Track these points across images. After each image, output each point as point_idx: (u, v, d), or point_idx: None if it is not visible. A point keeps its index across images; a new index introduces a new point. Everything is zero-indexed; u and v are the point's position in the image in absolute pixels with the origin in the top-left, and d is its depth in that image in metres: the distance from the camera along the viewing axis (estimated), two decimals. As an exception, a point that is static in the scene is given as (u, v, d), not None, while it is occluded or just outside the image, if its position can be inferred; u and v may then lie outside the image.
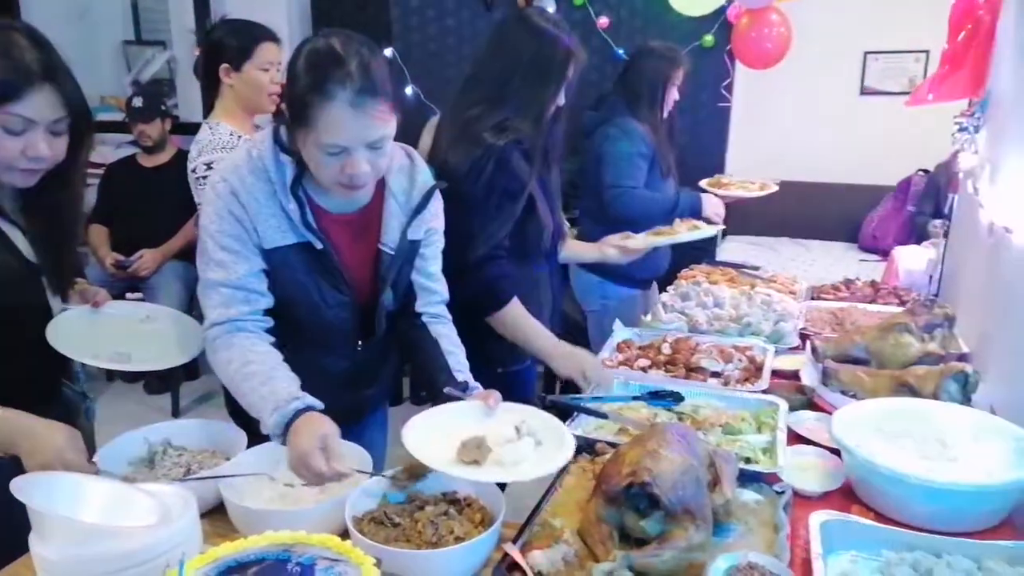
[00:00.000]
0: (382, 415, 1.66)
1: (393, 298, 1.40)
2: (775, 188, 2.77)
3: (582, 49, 1.68)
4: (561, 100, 1.68)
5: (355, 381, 1.45)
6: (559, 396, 1.46)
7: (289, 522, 1.03)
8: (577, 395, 1.51)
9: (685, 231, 2.12)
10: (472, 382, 1.34)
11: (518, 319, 1.64)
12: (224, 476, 1.15)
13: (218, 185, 1.26)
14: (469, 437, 1.12)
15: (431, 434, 1.14)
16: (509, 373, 1.72)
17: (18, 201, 1.27)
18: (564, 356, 1.61)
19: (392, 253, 1.36)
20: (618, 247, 1.98)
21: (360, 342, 1.40)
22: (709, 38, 3.48)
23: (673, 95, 2.56)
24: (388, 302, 1.40)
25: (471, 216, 1.59)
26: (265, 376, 1.20)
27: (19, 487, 0.92)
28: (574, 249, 2.03)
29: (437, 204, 1.43)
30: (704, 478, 1.09)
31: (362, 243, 1.36)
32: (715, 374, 1.64)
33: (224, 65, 1.89)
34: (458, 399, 1.26)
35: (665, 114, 2.56)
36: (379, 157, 1.22)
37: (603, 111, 2.58)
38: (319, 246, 1.28)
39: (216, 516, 1.15)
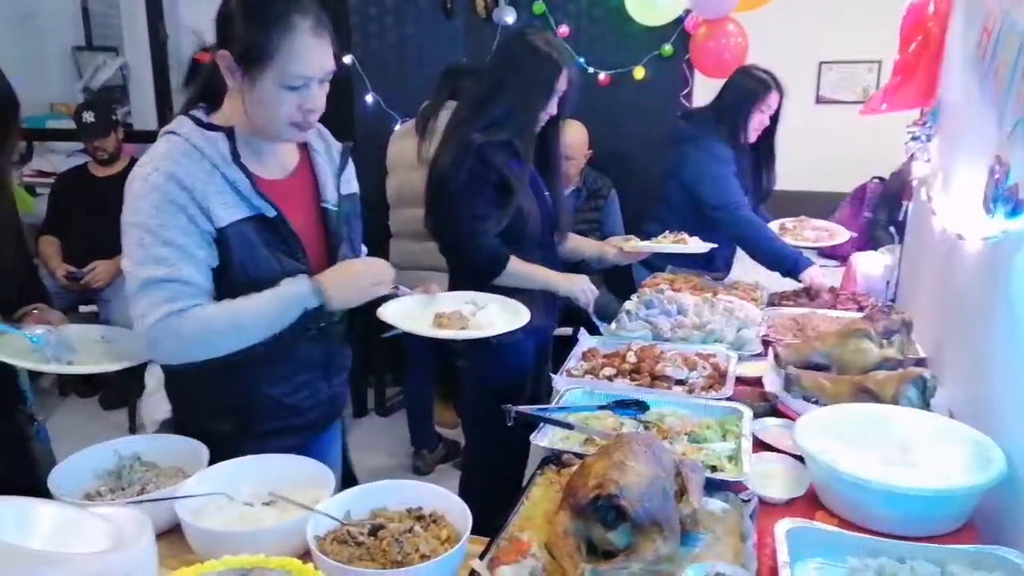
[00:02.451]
0: (339, 427, 1.62)
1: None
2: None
3: (573, 67, 1.89)
4: (553, 110, 1.90)
5: (327, 367, 1.43)
6: (525, 407, 1.45)
7: (248, 543, 1.01)
8: (543, 407, 1.50)
9: (673, 243, 2.26)
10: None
11: (520, 269, 1.90)
12: (180, 497, 1.11)
13: (151, 177, 1.20)
14: (440, 312, 1.31)
15: (403, 315, 1.31)
16: (503, 344, 1.77)
17: None
18: (565, 278, 1.97)
19: (336, 209, 1.39)
20: (618, 247, 2.19)
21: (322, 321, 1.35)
22: (668, 48, 3.51)
23: (761, 121, 2.53)
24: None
25: (458, 203, 1.84)
26: (250, 297, 1.24)
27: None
28: (577, 244, 2.22)
29: (352, 166, 1.48)
30: (671, 488, 1.09)
31: (303, 207, 1.36)
32: (680, 382, 1.64)
33: None
34: (396, 296, 1.43)
35: (751, 138, 2.54)
36: (324, 95, 1.27)
37: (691, 125, 2.63)
38: (271, 213, 1.27)
39: (173, 537, 1.11)
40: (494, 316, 1.56)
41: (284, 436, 1.36)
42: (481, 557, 1.02)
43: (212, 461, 1.24)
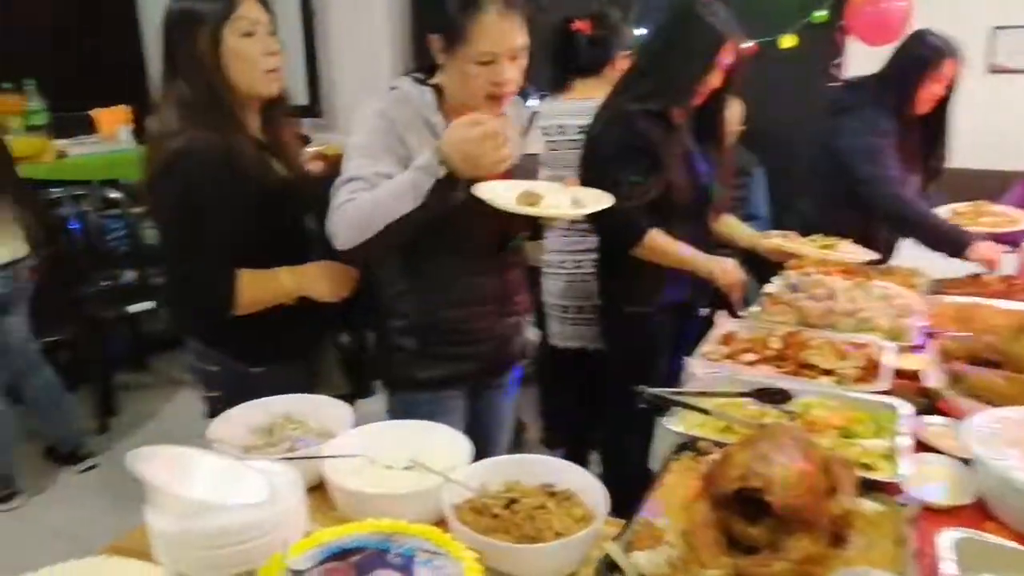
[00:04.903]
0: (513, 382, 1.81)
1: None
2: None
3: (739, 39, 1.86)
4: (716, 83, 1.86)
5: (502, 303, 1.61)
6: (658, 390, 1.41)
7: (389, 506, 1.04)
8: (677, 390, 1.46)
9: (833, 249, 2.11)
10: None
11: (661, 244, 1.87)
12: (326, 456, 1.17)
13: (368, 112, 1.44)
14: (521, 191, 1.41)
15: (495, 190, 1.40)
16: (636, 316, 1.87)
17: None
18: (710, 259, 1.90)
19: (519, 163, 1.51)
20: (774, 245, 2.10)
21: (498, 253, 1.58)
22: (821, 13, 3.28)
23: (933, 92, 2.32)
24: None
25: (604, 170, 1.81)
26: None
27: (134, 459, 0.95)
28: (731, 227, 2.19)
29: (537, 130, 1.65)
30: (820, 486, 1.02)
31: None
32: (827, 372, 1.54)
33: None
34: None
35: (920, 110, 2.35)
36: (519, 69, 1.40)
37: (852, 94, 2.46)
38: None
39: (317, 493, 1.17)
40: (566, 199, 1.52)
41: (459, 362, 1.59)
42: (615, 540, 1.00)
43: (400, 383, 1.58)
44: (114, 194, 3.45)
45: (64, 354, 3.31)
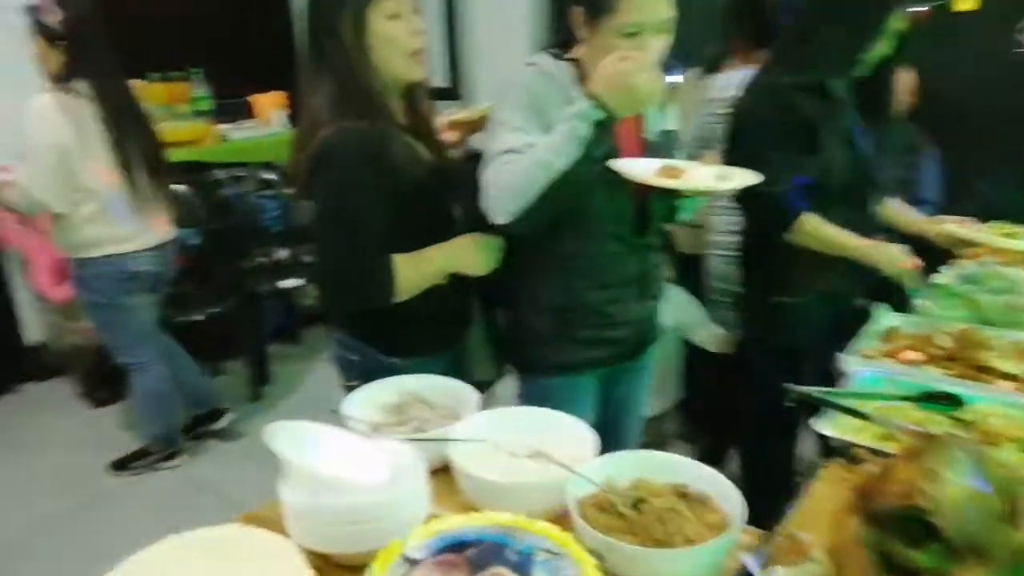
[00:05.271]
0: (648, 367, 1.79)
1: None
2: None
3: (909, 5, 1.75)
4: (882, 50, 1.72)
5: (641, 285, 1.59)
6: (809, 388, 1.29)
7: (511, 495, 1.02)
8: (829, 389, 1.33)
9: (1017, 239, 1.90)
10: None
11: (818, 230, 1.72)
12: (451, 439, 1.15)
13: (510, 82, 1.44)
14: (662, 166, 1.38)
15: (633, 165, 1.39)
16: (786, 307, 1.77)
17: None
18: (874, 247, 1.71)
19: (657, 140, 1.54)
20: (947, 231, 1.93)
21: (640, 235, 1.54)
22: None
23: None
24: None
25: (752, 147, 1.70)
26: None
27: (270, 433, 0.98)
28: (895, 212, 2.03)
29: (675, 108, 1.62)
30: (999, 509, 0.89)
31: (628, 133, 1.50)
32: (1009, 376, 1.36)
33: None
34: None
35: None
36: (665, 42, 1.37)
37: None
38: None
39: (441, 476, 1.16)
40: (708, 175, 1.46)
41: (596, 347, 1.57)
42: (753, 552, 0.92)
43: (533, 366, 1.60)
44: (269, 175, 3.65)
45: (223, 326, 3.58)
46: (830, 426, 1.21)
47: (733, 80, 2.02)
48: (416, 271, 1.47)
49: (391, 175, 1.41)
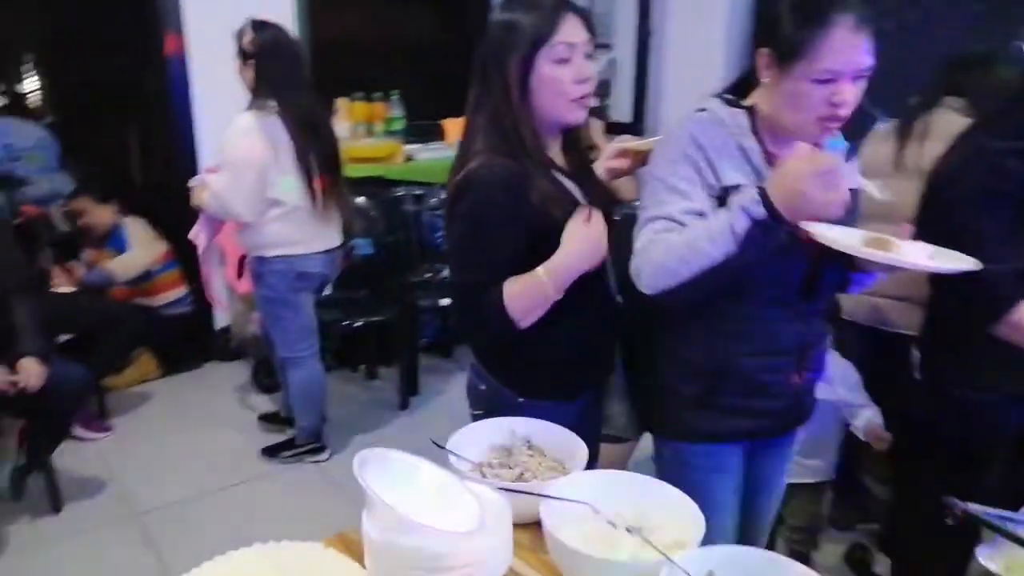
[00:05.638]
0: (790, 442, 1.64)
1: None
2: None
3: None
4: None
5: (801, 354, 1.44)
6: (980, 507, 1.08)
7: (598, 571, 0.94)
8: (1007, 513, 1.11)
9: None
10: None
11: None
12: (549, 497, 1.09)
13: (675, 131, 1.35)
14: (869, 237, 1.24)
15: (832, 232, 1.22)
16: (969, 400, 1.55)
17: None
18: None
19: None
20: None
21: (800, 300, 1.40)
22: None
23: None
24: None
25: (957, 219, 1.55)
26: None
27: (359, 460, 0.97)
28: None
29: (856, 163, 1.46)
30: None
31: None
32: None
33: None
34: None
35: None
36: (859, 90, 1.25)
37: None
38: None
39: (536, 529, 1.10)
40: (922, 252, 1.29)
41: (745, 417, 1.44)
42: None
43: (674, 431, 1.48)
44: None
45: (382, 334, 3.75)
46: (999, 561, 1.01)
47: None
48: (527, 288, 1.38)
49: (531, 214, 1.38)
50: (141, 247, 3.56)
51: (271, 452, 3.06)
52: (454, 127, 4.22)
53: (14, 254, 2.96)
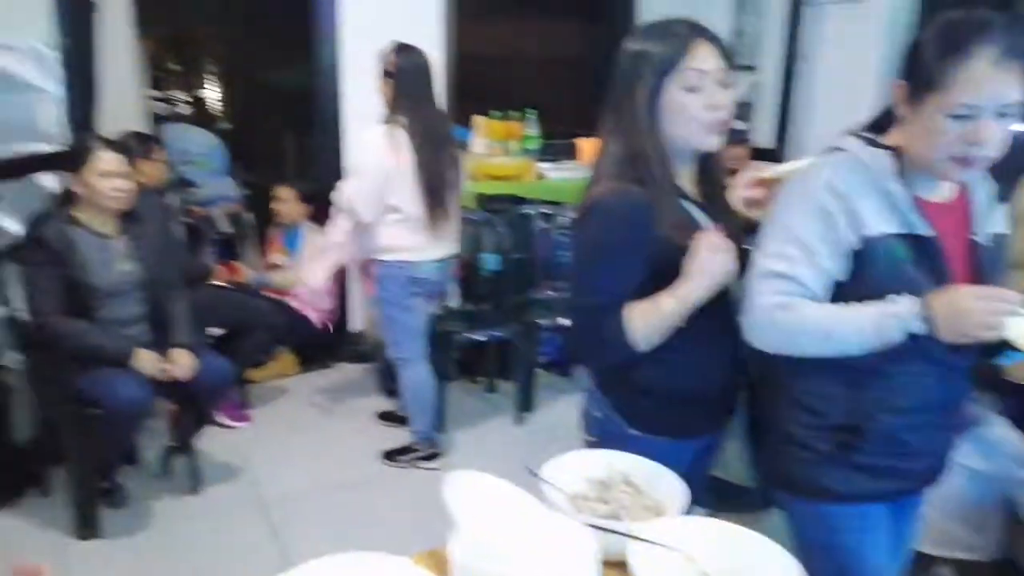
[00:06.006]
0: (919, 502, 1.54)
1: None
2: None
3: None
4: None
5: (946, 410, 1.37)
6: None
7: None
8: None
9: None
10: None
11: None
12: (640, 539, 1.06)
13: (810, 181, 1.27)
14: None
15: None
16: None
17: None
18: None
19: (990, 245, 1.32)
20: None
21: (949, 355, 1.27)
22: None
23: None
24: None
25: None
26: (851, 307, 1.23)
27: (449, 482, 0.99)
28: None
29: (1002, 207, 1.37)
30: None
31: (954, 235, 1.29)
32: None
33: None
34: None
35: None
36: (1002, 130, 1.17)
37: None
38: (928, 233, 1.24)
39: (620, 568, 1.07)
40: None
41: (885, 478, 1.35)
42: None
43: (804, 488, 1.37)
44: (575, 215, 3.79)
45: (502, 349, 3.80)
46: None
47: None
48: (649, 308, 1.35)
49: (654, 240, 1.35)
50: (309, 260, 3.80)
51: (390, 456, 3.18)
52: (588, 146, 4.22)
53: (180, 251, 3.27)
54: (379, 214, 2.84)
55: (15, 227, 2.73)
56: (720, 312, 1.38)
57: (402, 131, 2.77)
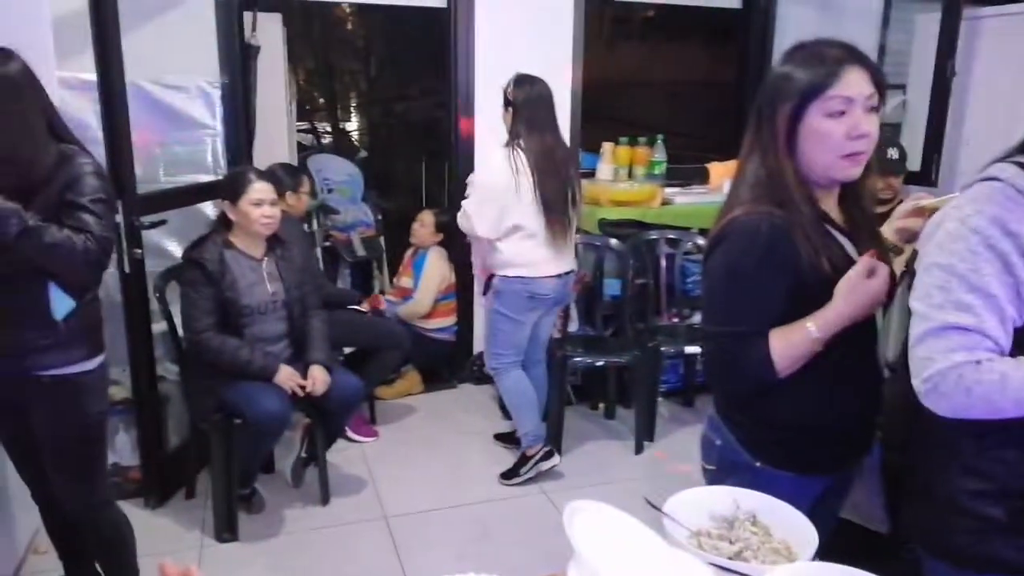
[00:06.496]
0: None
1: None
2: None
3: None
4: None
5: None
6: None
7: None
8: None
9: None
10: None
11: None
12: (765, 583, 1.01)
13: (970, 219, 1.12)
14: None
15: None
16: None
17: None
18: None
19: None
20: None
21: None
22: None
23: None
24: None
25: None
26: None
27: (570, 510, 0.98)
28: None
29: None
30: None
31: None
32: None
33: None
34: None
35: None
36: None
37: None
38: None
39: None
40: None
41: None
42: None
43: (971, 558, 1.20)
44: (703, 241, 3.71)
45: (621, 375, 3.75)
46: None
47: None
48: (790, 335, 1.30)
49: (794, 266, 1.30)
50: (426, 285, 3.98)
51: (507, 475, 3.21)
52: (718, 171, 4.13)
53: (319, 273, 3.47)
54: (497, 231, 2.98)
55: (177, 250, 2.99)
56: (861, 342, 1.31)
57: (521, 154, 2.92)
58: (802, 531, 1.16)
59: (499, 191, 2.92)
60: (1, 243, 1.67)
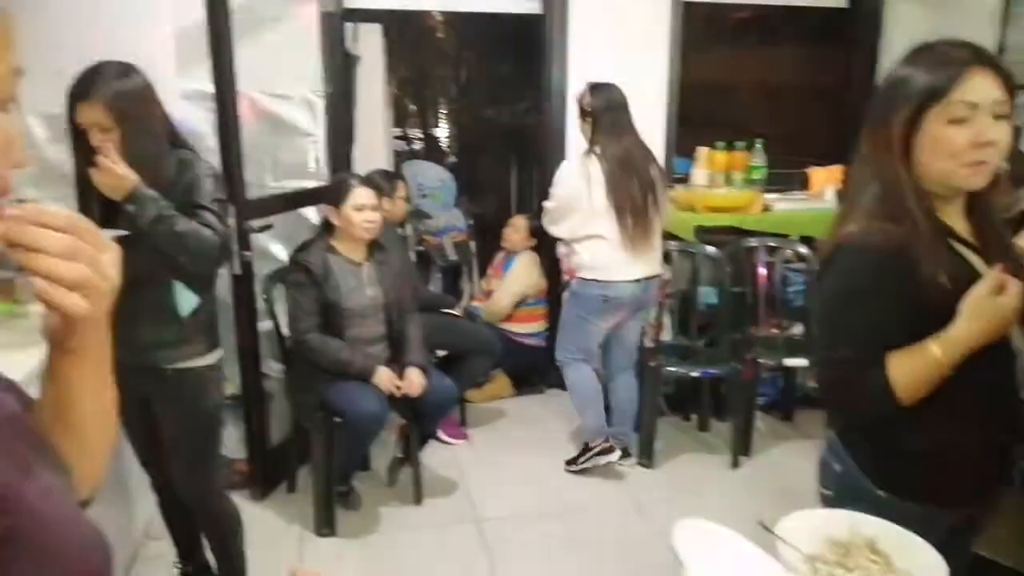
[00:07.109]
0: None
1: None
2: None
3: None
4: None
5: None
6: None
7: None
8: None
9: None
10: None
11: None
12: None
13: None
14: None
15: None
16: None
17: None
18: None
19: None
20: None
21: None
22: None
23: None
24: None
25: None
26: None
27: (679, 528, 0.96)
28: None
29: None
30: None
31: None
32: None
33: None
34: None
35: None
36: None
37: None
38: None
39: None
40: None
41: None
42: None
43: None
44: (804, 249, 3.57)
45: (717, 387, 3.65)
46: None
47: None
48: (913, 361, 1.23)
49: (914, 283, 1.23)
50: (507, 286, 4.02)
51: (571, 463, 3.29)
52: (819, 176, 3.97)
53: (414, 277, 3.54)
54: (574, 234, 3.10)
55: (282, 253, 3.11)
56: (996, 364, 1.22)
57: (595, 160, 2.99)
58: (928, 561, 1.10)
59: (573, 199, 3.03)
60: (139, 227, 1.79)
